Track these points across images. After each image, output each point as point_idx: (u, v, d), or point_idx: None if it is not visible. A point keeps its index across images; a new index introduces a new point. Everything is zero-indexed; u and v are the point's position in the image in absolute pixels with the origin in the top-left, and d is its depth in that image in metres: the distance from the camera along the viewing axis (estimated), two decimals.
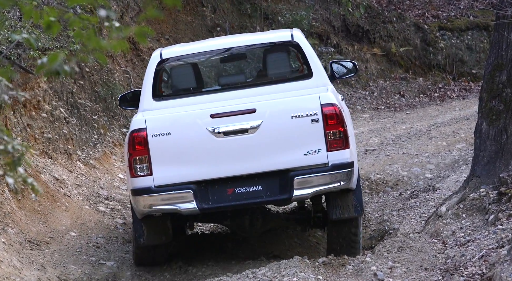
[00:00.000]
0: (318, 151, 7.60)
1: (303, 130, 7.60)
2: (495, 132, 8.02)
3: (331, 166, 7.61)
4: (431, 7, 16.61)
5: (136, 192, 7.59)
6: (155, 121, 7.64)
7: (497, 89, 8.05)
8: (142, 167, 7.57)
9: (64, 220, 8.97)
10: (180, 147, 7.58)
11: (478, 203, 7.85)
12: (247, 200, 7.63)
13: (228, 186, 7.64)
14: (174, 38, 13.43)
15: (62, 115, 10.28)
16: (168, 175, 7.58)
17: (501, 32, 7.99)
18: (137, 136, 7.58)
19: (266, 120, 7.61)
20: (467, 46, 16.09)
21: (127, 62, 12.18)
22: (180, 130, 7.60)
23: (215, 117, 7.61)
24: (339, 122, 7.62)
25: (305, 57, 8.10)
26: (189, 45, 8.69)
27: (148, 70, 8.11)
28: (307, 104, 7.63)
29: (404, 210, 9.03)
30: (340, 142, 7.63)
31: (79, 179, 9.85)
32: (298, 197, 7.66)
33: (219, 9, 14.32)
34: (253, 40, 8.46)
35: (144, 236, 7.82)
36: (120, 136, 11.06)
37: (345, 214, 7.84)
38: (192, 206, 7.57)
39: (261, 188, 7.64)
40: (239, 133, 7.59)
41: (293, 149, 7.59)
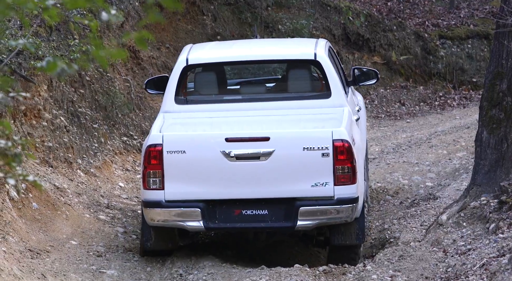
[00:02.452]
0: (325, 184, 7.83)
1: (313, 162, 7.82)
2: (495, 141, 8.02)
3: (336, 200, 7.84)
4: (431, 15, 16.62)
5: (146, 204, 7.94)
6: (172, 138, 7.91)
7: (497, 98, 8.04)
8: (155, 180, 7.86)
9: (65, 228, 8.96)
10: (193, 166, 7.86)
11: (479, 212, 7.84)
12: (252, 223, 7.91)
13: (235, 208, 7.89)
14: (174, 47, 13.44)
15: (63, 124, 10.29)
16: (179, 192, 7.87)
17: (501, 41, 7.99)
18: (153, 150, 7.86)
19: (278, 149, 7.85)
20: (468, 55, 16.10)
21: (128, 71, 12.19)
22: (195, 149, 7.88)
23: (229, 141, 7.86)
24: (349, 158, 7.83)
25: (325, 76, 8.39)
26: (216, 50, 9.09)
27: (173, 73, 8.49)
28: (320, 138, 7.85)
29: (404, 218, 9.01)
30: (347, 177, 7.85)
31: (79, 188, 9.85)
32: (302, 227, 7.90)
33: (220, 18, 14.34)
34: (278, 54, 8.88)
35: (151, 241, 8.13)
36: (120, 144, 11.06)
37: (347, 241, 8.08)
38: (198, 224, 7.89)
39: (267, 212, 7.89)
40: (251, 158, 7.86)
41: (301, 179, 7.83)
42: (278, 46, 9.52)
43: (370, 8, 16.38)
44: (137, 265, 8.22)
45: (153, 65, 12.73)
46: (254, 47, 9.32)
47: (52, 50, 9.89)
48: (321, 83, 8.53)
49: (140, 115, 11.75)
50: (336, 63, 8.97)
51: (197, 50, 8.84)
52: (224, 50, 9.05)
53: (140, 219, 8.63)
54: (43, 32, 10.35)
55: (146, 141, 8.08)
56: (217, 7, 14.36)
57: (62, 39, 10.45)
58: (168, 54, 13.22)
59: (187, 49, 8.82)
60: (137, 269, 8.13)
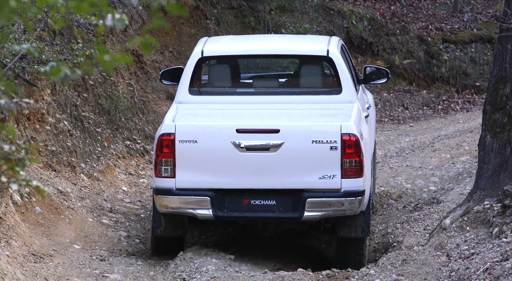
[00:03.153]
0: (333, 177, 8.01)
1: (321, 155, 8.01)
2: (499, 145, 8.01)
3: (343, 193, 8.02)
4: (434, 19, 16.62)
5: (157, 191, 8.15)
6: (184, 128, 8.14)
7: (501, 102, 8.04)
8: (167, 169, 8.09)
9: (68, 232, 8.96)
10: (204, 155, 8.07)
11: (482, 216, 7.83)
12: (260, 213, 8.10)
13: (244, 197, 8.10)
14: (178, 51, 13.45)
15: (66, 128, 10.29)
16: (190, 180, 8.09)
17: (504, 45, 7.99)
18: (166, 140, 8.08)
19: (287, 141, 8.04)
20: (471, 59, 16.09)
21: (131, 75, 12.19)
22: (206, 139, 8.10)
23: (240, 132, 8.07)
24: (356, 152, 8.01)
25: (337, 73, 8.61)
26: (230, 44, 9.31)
27: (188, 64, 8.68)
28: (328, 131, 8.04)
29: (408, 222, 9.00)
30: (355, 171, 8.02)
31: (82, 192, 9.85)
32: (308, 218, 8.07)
33: (223, 22, 14.35)
34: (291, 50, 9.08)
35: (161, 227, 8.32)
36: (123, 148, 11.06)
37: (352, 234, 8.25)
38: (208, 212, 8.09)
39: (275, 203, 8.08)
40: (261, 150, 8.05)
41: (309, 171, 8.02)
42: (292, 42, 9.77)
43: (374, 12, 16.37)
44: (140, 269, 8.22)
45: (156, 69, 12.73)
46: (268, 41, 9.60)
47: (55, 54, 9.90)
48: (332, 79, 8.73)
49: (143, 119, 11.75)
50: (348, 61, 9.16)
51: (212, 43, 9.03)
52: (239, 44, 9.28)
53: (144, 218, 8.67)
54: (47, 36, 10.36)
55: (159, 130, 8.25)
56: (221, 11, 14.37)
57: (66, 43, 10.46)
58: (172, 58, 13.22)
59: (202, 42, 8.99)
60: (140, 273, 8.13)
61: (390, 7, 16.88)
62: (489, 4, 17.19)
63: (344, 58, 8.88)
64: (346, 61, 9.00)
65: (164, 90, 12.59)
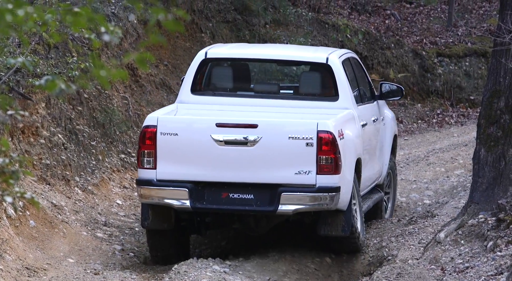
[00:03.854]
0: (308, 173, 8.23)
1: (298, 151, 8.23)
2: (493, 159, 8.02)
3: (317, 188, 8.24)
4: (429, 33, 16.66)
5: (139, 182, 8.40)
6: (165, 121, 8.35)
7: (495, 116, 8.05)
8: (149, 160, 8.31)
9: (62, 246, 8.94)
10: (184, 148, 8.27)
11: (476, 230, 7.83)
12: (239, 206, 8.31)
13: (223, 190, 8.29)
14: (173, 64, 13.46)
15: (60, 141, 10.28)
16: (169, 172, 8.28)
17: (499, 59, 8.01)
18: (148, 131, 8.31)
19: (265, 136, 8.25)
20: (465, 73, 16.12)
21: (126, 88, 12.19)
22: (186, 132, 8.30)
23: (220, 126, 8.26)
24: (332, 149, 8.22)
25: (334, 80, 8.90)
26: (234, 48, 9.62)
27: (192, 66, 9.04)
28: (305, 128, 8.25)
29: (402, 236, 9.00)
30: (330, 167, 8.25)
31: (77, 205, 9.83)
32: (282, 212, 8.32)
33: (218, 35, 14.37)
34: (293, 56, 9.42)
35: (149, 220, 8.52)
36: (118, 162, 11.05)
37: (333, 232, 8.51)
38: (186, 203, 8.28)
39: (252, 197, 8.29)
40: (239, 144, 8.25)
41: (285, 166, 8.24)
42: (295, 50, 10.13)
43: (368, 26, 16.41)
44: None
45: (151, 83, 12.73)
46: (271, 48, 10.00)
47: (50, 67, 9.90)
48: (330, 86, 8.98)
49: (138, 133, 11.74)
50: (355, 72, 9.46)
51: (217, 47, 9.50)
52: (242, 49, 9.63)
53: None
54: (42, 50, 10.36)
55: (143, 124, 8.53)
56: (216, 24, 14.39)
57: (61, 57, 10.46)
58: (167, 72, 13.23)
59: (208, 46, 9.46)
60: None
61: (384, 21, 16.92)
62: (483, 19, 17.24)
63: (346, 68, 9.12)
64: (352, 71, 9.30)
65: (159, 103, 12.59)
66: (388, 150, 10.01)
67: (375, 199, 9.65)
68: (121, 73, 3.51)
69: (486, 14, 17.39)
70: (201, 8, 14.31)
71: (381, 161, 9.87)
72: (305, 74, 9.35)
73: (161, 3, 13.11)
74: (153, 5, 3.60)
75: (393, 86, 9.69)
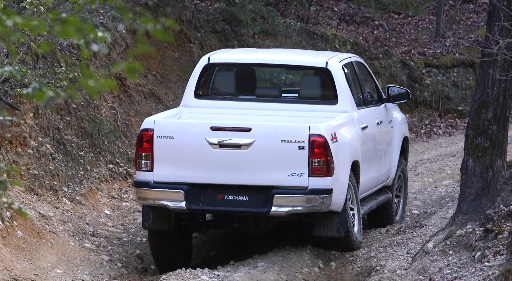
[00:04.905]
0: (301, 175, 8.43)
1: (290, 154, 8.43)
2: (481, 169, 8.04)
3: (309, 190, 8.43)
4: (417, 44, 16.72)
5: (137, 184, 8.63)
6: (162, 124, 8.59)
7: (483, 126, 8.08)
8: (146, 162, 8.54)
9: (50, 257, 8.90)
10: (179, 150, 8.49)
11: (464, 240, 7.84)
12: (234, 208, 8.51)
13: (219, 192, 8.50)
14: (161, 74, 13.46)
15: (48, 151, 10.25)
16: (166, 174, 8.51)
17: (486, 70, 8.04)
18: (145, 135, 8.55)
19: (258, 140, 8.46)
20: (453, 83, 16.17)
21: (114, 98, 12.18)
22: (182, 136, 8.53)
23: (214, 129, 8.49)
24: (324, 152, 8.42)
25: (333, 84, 9.12)
26: (236, 53, 9.91)
27: (195, 71, 9.30)
28: (297, 132, 8.46)
29: (391, 246, 9.01)
30: (322, 170, 8.45)
31: (65, 216, 9.80)
32: (275, 213, 8.52)
33: (207, 45, 14.38)
34: (293, 60, 9.62)
35: (149, 221, 8.74)
36: (106, 172, 11.02)
37: (328, 233, 8.72)
38: (181, 205, 8.48)
39: (247, 198, 8.49)
40: (233, 147, 8.47)
41: (279, 169, 8.44)
42: (296, 54, 10.34)
43: (357, 36, 16.45)
44: None
45: (139, 93, 12.72)
46: (273, 53, 10.26)
47: (38, 77, 9.88)
48: (330, 90, 9.20)
49: (126, 143, 11.72)
50: (358, 76, 9.67)
51: (219, 52, 9.83)
52: (244, 54, 9.92)
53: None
54: (30, 60, 10.34)
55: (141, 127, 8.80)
56: (204, 35, 14.40)
57: (49, 67, 10.44)
58: (155, 82, 13.22)
59: (209, 53, 9.70)
60: None
61: (373, 32, 16.97)
62: (471, 29, 17.31)
63: (347, 72, 9.37)
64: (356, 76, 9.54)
65: (147, 113, 12.58)
66: (397, 152, 10.20)
67: (380, 200, 9.82)
68: (109, 83, 3.51)
69: (474, 25, 17.46)
70: (190, 18, 14.32)
71: (389, 163, 10.04)
72: (306, 78, 9.58)
73: (150, 13, 13.12)
74: (142, 15, 3.60)
75: (400, 90, 9.95)
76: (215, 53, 9.59)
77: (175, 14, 13.99)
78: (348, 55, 9.95)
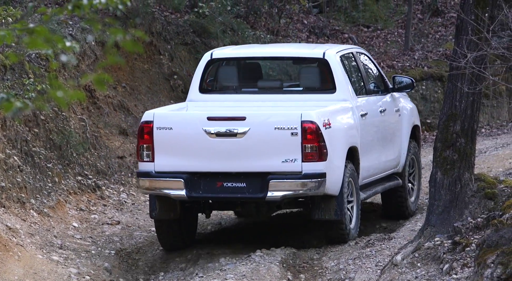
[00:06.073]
0: (294, 160, 8.80)
1: (284, 140, 8.80)
2: (449, 182, 8.09)
3: (303, 175, 8.79)
4: (386, 57, 16.81)
5: (139, 174, 9.06)
6: (161, 116, 8.99)
7: (451, 139, 8.12)
8: (148, 154, 8.93)
9: (16, 270, 8.82)
10: (178, 141, 8.89)
11: (433, 252, 7.87)
12: (232, 194, 8.89)
13: (218, 180, 8.87)
14: (131, 86, 13.41)
15: (16, 163, 10.17)
16: (166, 164, 8.91)
17: (454, 83, 8.09)
18: (146, 126, 8.93)
19: (253, 128, 8.83)
20: (422, 96, 16.27)
21: (83, 110, 12.12)
22: (180, 126, 8.91)
23: (211, 119, 8.86)
24: (316, 138, 8.78)
25: (331, 74, 9.50)
26: (237, 49, 10.34)
27: (199, 67, 9.73)
28: (290, 119, 8.82)
29: (360, 258, 9.02)
30: (315, 155, 8.81)
31: (32, 228, 9.72)
32: (271, 198, 8.88)
33: (176, 57, 14.36)
34: (292, 52, 10.09)
35: (156, 210, 9.15)
36: (75, 184, 10.95)
37: (326, 216, 9.09)
38: (181, 193, 8.87)
39: (245, 185, 8.86)
40: (229, 136, 8.85)
41: (273, 155, 8.81)
42: (295, 48, 10.85)
43: None
44: None
45: (109, 105, 12.67)
46: (273, 47, 10.77)
47: (6, 89, 9.81)
48: (328, 80, 9.57)
49: (95, 155, 11.66)
50: (359, 66, 10.02)
51: (221, 49, 10.37)
52: (245, 49, 10.35)
53: None
54: None
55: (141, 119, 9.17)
56: (174, 46, 14.38)
57: (17, 78, 10.37)
58: (125, 93, 13.17)
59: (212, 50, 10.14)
60: None
61: (343, 43, 17.03)
62: (440, 43, 17.44)
63: (346, 62, 9.74)
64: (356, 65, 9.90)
65: (117, 125, 12.53)
66: (406, 140, 10.53)
67: (388, 186, 10.20)
68: (78, 94, 3.49)
69: (442, 39, 17.60)
70: (159, 30, 14.30)
71: (397, 150, 10.38)
72: (305, 70, 9.92)
73: (119, 24, 13.08)
74: (112, 26, 3.59)
75: (405, 79, 10.29)
76: (217, 50, 10.04)
77: (145, 26, 13.97)
78: (349, 46, 10.45)
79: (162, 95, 13.68)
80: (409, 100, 10.99)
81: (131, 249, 9.87)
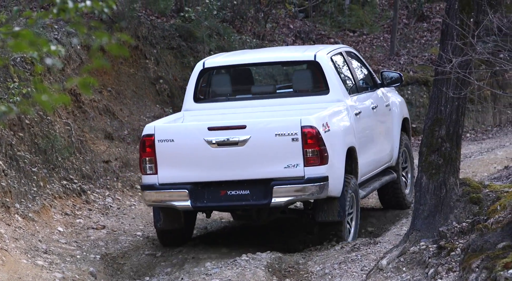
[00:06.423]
0: (297, 166, 8.93)
1: (285, 146, 8.92)
2: (434, 186, 8.10)
3: (306, 179, 8.94)
4: (372, 62, 16.85)
5: (143, 187, 9.16)
6: (162, 129, 9.10)
7: (436, 144, 8.14)
8: (151, 166, 9.05)
9: (1, 274, 8.78)
10: (180, 152, 8.99)
11: (418, 257, 7.89)
12: (237, 202, 9.00)
13: (221, 189, 9.00)
14: (116, 90, 13.38)
15: (1, 168, 10.13)
16: (170, 176, 9.01)
17: (440, 88, 8.11)
18: (147, 140, 9.04)
19: (253, 136, 8.96)
20: (407, 101, 16.31)
21: (68, 114, 12.08)
22: (181, 138, 9.02)
23: (211, 129, 8.98)
24: (316, 142, 8.91)
25: (324, 75, 9.63)
26: (228, 56, 10.36)
27: (192, 77, 9.84)
28: (289, 125, 8.95)
29: (345, 263, 9.03)
30: (316, 159, 8.94)
31: (17, 233, 9.68)
32: (276, 204, 9.00)
33: (162, 62, 14.34)
34: (283, 57, 10.20)
35: (160, 221, 9.34)
36: (60, 188, 10.91)
37: (329, 218, 9.27)
38: (187, 203, 8.99)
39: (248, 192, 8.98)
40: (231, 145, 8.96)
41: (275, 161, 8.94)
42: (285, 51, 10.98)
43: None
44: None
45: (94, 109, 12.64)
46: (263, 52, 10.77)
47: None
48: (321, 81, 9.70)
49: (80, 159, 11.63)
50: (349, 65, 10.17)
51: (213, 57, 10.32)
52: (236, 56, 10.34)
53: None
54: None
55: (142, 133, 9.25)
56: (160, 51, 14.37)
57: (2, 82, 10.34)
58: (110, 98, 13.14)
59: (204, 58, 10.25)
60: None
61: (330, 45, 17.06)
62: (425, 48, 17.50)
63: (336, 63, 9.88)
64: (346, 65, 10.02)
65: (102, 129, 12.50)
66: (397, 133, 10.73)
67: (384, 181, 10.41)
68: (63, 98, 3.48)
69: (428, 44, 17.65)
70: (145, 34, 14.28)
71: (390, 144, 10.59)
72: (297, 72, 10.06)
73: (105, 28, 13.06)
74: (97, 29, 3.58)
75: (393, 74, 10.43)
76: (209, 58, 10.09)
77: (131, 30, 13.94)
78: (337, 46, 10.46)
79: (148, 100, 13.66)
80: (397, 93, 11.13)
81: (116, 254, 9.85)
